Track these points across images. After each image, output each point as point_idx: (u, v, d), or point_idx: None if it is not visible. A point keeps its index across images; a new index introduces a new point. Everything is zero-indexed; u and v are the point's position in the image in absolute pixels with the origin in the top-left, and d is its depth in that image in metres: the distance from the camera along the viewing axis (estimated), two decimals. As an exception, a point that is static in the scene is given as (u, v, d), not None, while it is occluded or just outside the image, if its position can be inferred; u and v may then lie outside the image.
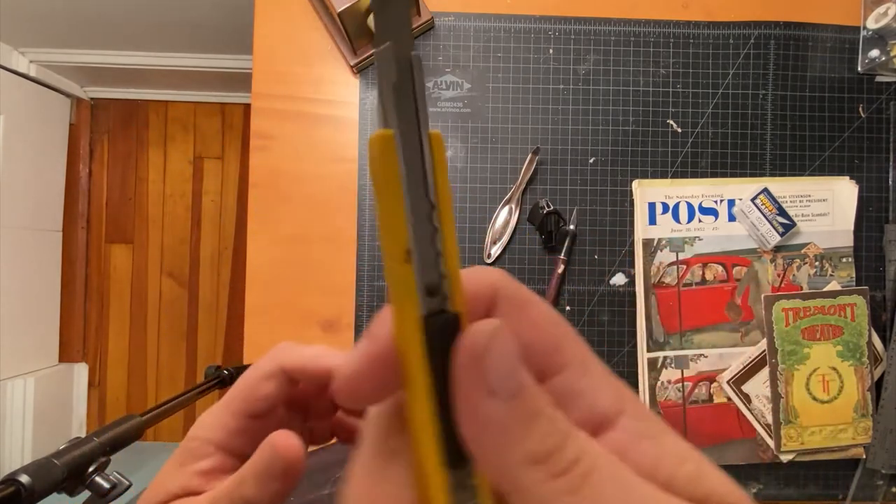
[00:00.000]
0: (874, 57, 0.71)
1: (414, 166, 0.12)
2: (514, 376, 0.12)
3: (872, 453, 0.69)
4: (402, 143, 0.12)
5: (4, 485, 0.28)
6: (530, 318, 0.15)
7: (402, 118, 0.12)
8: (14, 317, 1.40)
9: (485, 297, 0.15)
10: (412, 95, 0.12)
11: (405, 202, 0.12)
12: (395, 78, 0.12)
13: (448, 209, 0.13)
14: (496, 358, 0.12)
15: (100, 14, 1.25)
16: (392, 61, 0.12)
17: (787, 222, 0.68)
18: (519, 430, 0.12)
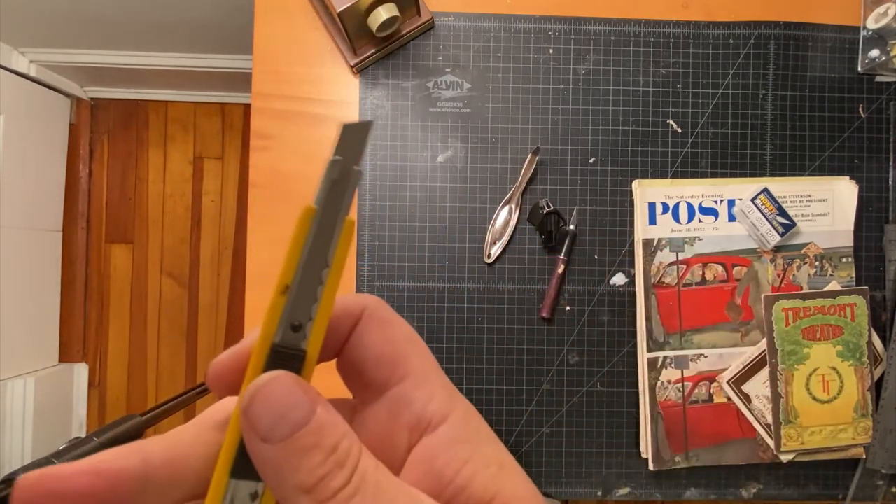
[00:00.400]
0: (874, 57, 0.71)
1: (322, 234, 0.16)
2: (279, 426, 0.14)
3: (872, 453, 0.69)
4: (321, 217, 0.16)
5: (4, 485, 0.28)
6: (386, 335, 0.18)
7: (328, 204, 0.17)
8: (14, 317, 1.40)
9: (353, 314, 0.18)
10: (342, 193, 0.17)
11: (302, 252, 0.16)
12: (336, 177, 0.17)
13: (337, 274, 0.17)
14: (260, 412, 0.14)
15: (100, 14, 1.25)
16: (339, 168, 0.17)
17: (787, 222, 0.68)
18: (288, 467, 0.14)
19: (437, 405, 0.17)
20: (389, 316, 0.19)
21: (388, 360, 0.18)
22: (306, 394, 0.15)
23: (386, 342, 0.18)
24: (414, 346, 0.18)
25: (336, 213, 0.17)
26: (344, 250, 0.17)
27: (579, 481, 0.70)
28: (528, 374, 0.71)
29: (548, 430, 0.70)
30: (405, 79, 0.71)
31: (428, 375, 0.18)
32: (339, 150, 0.17)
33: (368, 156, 0.71)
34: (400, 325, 0.19)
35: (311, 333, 0.16)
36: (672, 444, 0.69)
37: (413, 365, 0.18)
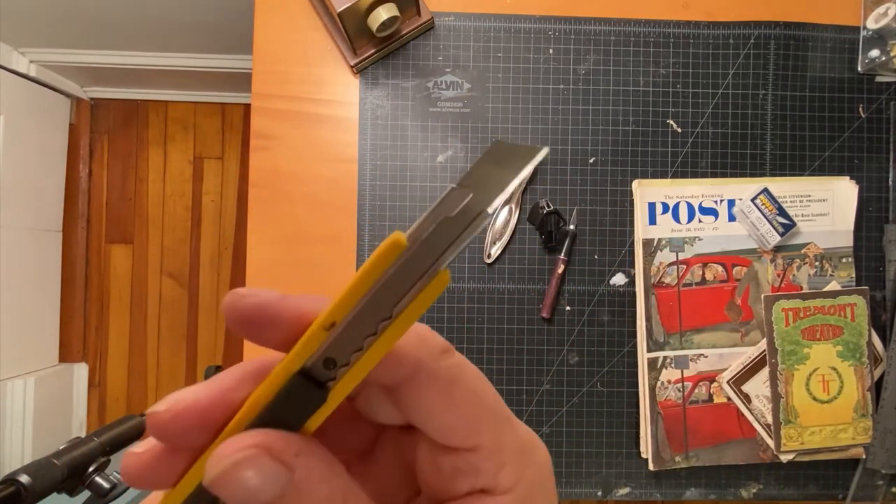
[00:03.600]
0: (874, 57, 0.71)
1: (400, 280, 0.13)
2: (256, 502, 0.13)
3: (872, 453, 0.69)
4: (410, 258, 0.13)
5: (4, 485, 0.28)
6: (451, 400, 0.15)
7: (427, 245, 0.13)
8: (14, 317, 1.40)
9: (404, 371, 0.15)
10: (451, 237, 0.12)
11: (366, 295, 0.13)
12: (452, 215, 0.12)
13: (398, 332, 0.13)
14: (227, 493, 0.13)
15: (100, 14, 1.25)
16: (461, 206, 0.12)
17: (787, 222, 0.68)
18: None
19: (507, 476, 0.16)
20: (454, 372, 0.16)
21: (455, 430, 0.16)
22: (278, 463, 0.13)
23: (450, 410, 0.15)
24: (485, 411, 0.16)
25: (431, 261, 0.13)
26: (420, 308, 0.13)
27: (579, 481, 0.70)
28: (528, 374, 0.71)
29: (548, 430, 0.70)
30: (405, 79, 0.71)
31: (502, 445, 0.16)
32: (473, 175, 0.13)
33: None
34: (468, 385, 0.16)
35: (341, 380, 0.14)
36: (672, 444, 0.69)
37: (485, 437, 0.16)
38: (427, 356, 0.15)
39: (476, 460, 0.16)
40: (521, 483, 0.16)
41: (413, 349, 0.15)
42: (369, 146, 0.71)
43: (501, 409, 0.16)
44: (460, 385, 0.16)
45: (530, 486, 0.16)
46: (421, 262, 0.13)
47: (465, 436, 0.16)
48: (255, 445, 0.13)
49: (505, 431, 0.16)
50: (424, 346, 0.15)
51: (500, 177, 0.12)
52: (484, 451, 0.16)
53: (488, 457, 0.16)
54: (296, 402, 0.14)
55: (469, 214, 0.12)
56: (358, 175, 0.71)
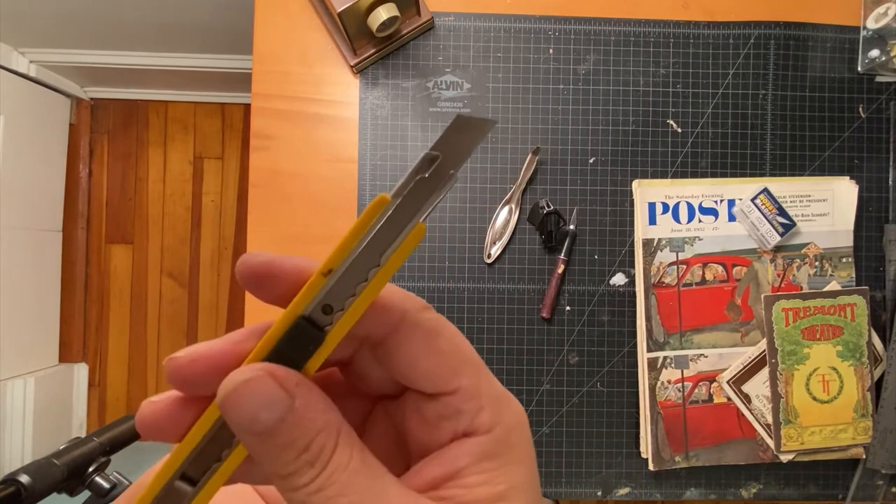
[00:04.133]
0: (874, 57, 0.71)
1: (386, 232, 0.15)
2: (254, 424, 0.15)
3: (872, 453, 0.69)
4: (392, 213, 0.15)
5: (4, 485, 0.28)
6: (432, 347, 0.17)
7: (406, 202, 0.15)
8: (14, 317, 1.40)
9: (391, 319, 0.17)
10: (427, 194, 0.15)
11: (355, 246, 0.15)
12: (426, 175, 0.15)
13: (384, 277, 0.15)
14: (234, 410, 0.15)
15: (100, 14, 1.25)
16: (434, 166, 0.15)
17: (787, 222, 0.68)
18: (264, 457, 0.15)
19: (486, 417, 0.17)
20: (434, 326, 0.18)
21: (435, 376, 0.17)
22: (285, 389, 0.15)
23: (431, 357, 0.17)
24: (463, 359, 0.18)
25: (411, 214, 0.15)
26: (401, 256, 0.15)
27: (579, 481, 0.70)
28: (528, 374, 0.71)
29: (548, 430, 0.70)
30: (405, 79, 0.71)
31: (480, 389, 0.18)
32: (441, 143, 0.15)
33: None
34: (447, 336, 0.18)
35: (337, 324, 0.16)
36: (672, 444, 0.69)
37: (464, 381, 0.18)
38: (411, 306, 0.17)
39: (457, 402, 0.17)
40: (500, 425, 0.18)
41: (399, 301, 0.17)
42: (369, 146, 0.71)
43: (478, 360, 0.18)
44: (440, 334, 0.18)
45: (508, 428, 0.18)
46: (402, 216, 0.15)
47: (447, 379, 0.17)
48: (262, 369, 0.15)
49: (482, 378, 0.18)
50: (409, 300, 0.18)
51: (465, 144, 0.15)
52: (463, 393, 0.17)
53: (468, 399, 0.17)
54: (298, 343, 0.16)
55: (441, 174, 0.15)
56: (358, 175, 0.71)
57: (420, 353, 0.17)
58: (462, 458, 0.17)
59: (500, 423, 0.18)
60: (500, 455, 0.17)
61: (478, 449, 0.17)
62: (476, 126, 0.15)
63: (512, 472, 0.17)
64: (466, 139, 0.15)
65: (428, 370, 0.17)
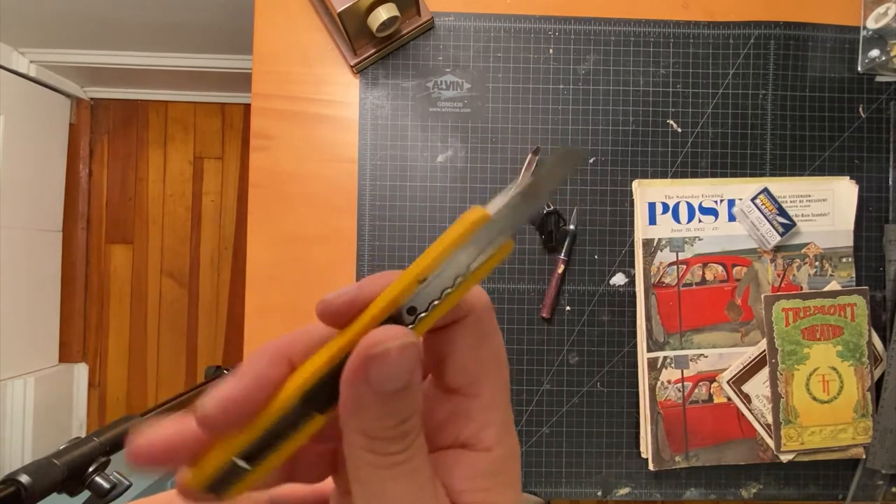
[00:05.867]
0: (874, 57, 0.71)
1: (479, 244, 0.16)
2: (387, 383, 0.15)
3: (872, 453, 0.69)
4: (489, 229, 0.16)
5: (4, 485, 0.28)
6: (479, 350, 0.18)
7: (503, 219, 0.16)
8: (14, 317, 1.40)
9: (460, 311, 0.18)
10: (522, 214, 0.16)
11: (455, 254, 0.16)
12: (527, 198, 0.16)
13: (468, 287, 0.16)
14: (389, 365, 0.15)
15: (100, 14, 1.25)
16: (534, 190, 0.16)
17: (787, 222, 0.68)
18: (369, 412, 0.16)
19: (491, 435, 0.18)
20: (489, 330, 0.19)
21: (469, 374, 0.18)
22: (420, 361, 0.16)
23: (475, 356, 0.18)
24: (497, 372, 0.19)
25: (503, 231, 0.16)
26: (487, 269, 0.17)
27: (579, 481, 0.70)
28: (528, 374, 0.71)
29: (548, 430, 0.70)
30: (405, 79, 0.71)
31: (496, 406, 0.18)
32: (541, 170, 0.16)
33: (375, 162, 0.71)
34: (496, 344, 0.19)
35: (421, 322, 0.17)
36: (672, 444, 0.69)
37: (488, 390, 0.18)
38: (479, 303, 0.18)
39: (472, 406, 0.18)
40: (501, 448, 0.18)
41: (473, 297, 0.18)
42: (369, 146, 0.71)
43: (506, 380, 0.19)
44: (490, 340, 0.18)
45: (508, 455, 0.18)
46: (498, 230, 0.16)
47: (475, 382, 0.18)
48: (414, 337, 0.16)
49: (502, 398, 0.19)
50: (481, 297, 0.18)
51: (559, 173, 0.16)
52: (481, 401, 0.18)
53: (482, 409, 0.18)
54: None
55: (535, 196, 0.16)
56: (358, 175, 0.71)
57: (466, 349, 0.18)
58: (462, 471, 0.18)
59: (501, 446, 0.18)
60: (497, 475, 0.18)
61: (479, 465, 0.18)
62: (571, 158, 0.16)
63: (504, 494, 0.18)
64: (562, 168, 0.16)
65: (464, 365, 0.18)
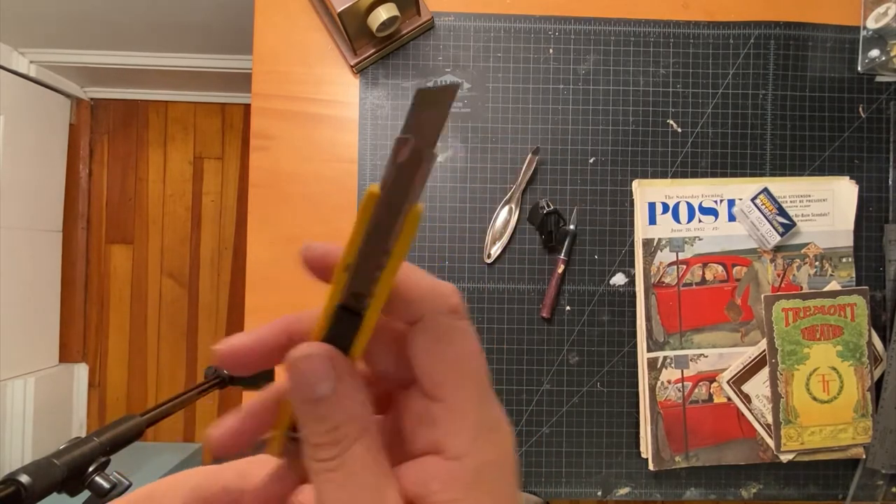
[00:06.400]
0: (874, 57, 0.71)
1: (384, 221, 0.16)
2: (304, 391, 0.17)
3: (872, 453, 0.69)
4: (384, 203, 0.16)
5: (4, 485, 0.28)
6: (437, 352, 0.18)
7: (394, 189, 0.15)
8: (14, 317, 1.40)
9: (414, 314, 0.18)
10: (410, 177, 0.15)
11: (364, 236, 0.16)
12: (403, 159, 0.15)
13: (396, 263, 0.16)
14: (293, 376, 0.17)
15: (100, 14, 1.25)
16: (409, 149, 0.15)
17: (787, 222, 0.68)
18: (303, 420, 0.17)
19: (461, 442, 0.17)
20: (451, 331, 0.18)
21: (431, 378, 0.18)
22: (333, 370, 0.17)
23: (437, 358, 0.18)
24: (465, 375, 0.18)
25: (402, 200, 0.15)
26: (405, 240, 0.16)
27: (579, 481, 0.70)
28: (528, 374, 0.71)
29: (548, 430, 0.70)
30: (405, 79, 0.71)
31: (465, 410, 0.18)
32: (410, 125, 0.15)
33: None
34: (462, 346, 0.18)
35: (369, 307, 0.17)
36: (672, 444, 0.69)
37: (453, 394, 0.18)
38: (433, 307, 0.18)
39: (438, 413, 0.18)
40: (474, 456, 0.17)
41: (424, 299, 0.18)
42: (369, 146, 0.71)
43: (480, 382, 0.18)
44: (450, 342, 0.18)
45: (484, 463, 0.18)
46: (394, 203, 0.16)
47: (438, 383, 0.18)
48: (322, 349, 0.17)
49: (473, 402, 0.18)
50: (436, 299, 0.18)
51: (434, 118, 0.15)
52: (447, 406, 0.18)
53: (449, 414, 0.18)
54: (342, 328, 0.17)
55: (418, 155, 0.15)
56: (358, 175, 0.71)
57: (424, 351, 0.18)
58: (433, 478, 0.17)
59: (474, 453, 0.17)
60: (472, 485, 0.17)
61: (451, 473, 0.17)
62: (440, 96, 0.15)
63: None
64: (434, 113, 0.15)
65: (425, 368, 0.18)
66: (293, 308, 0.77)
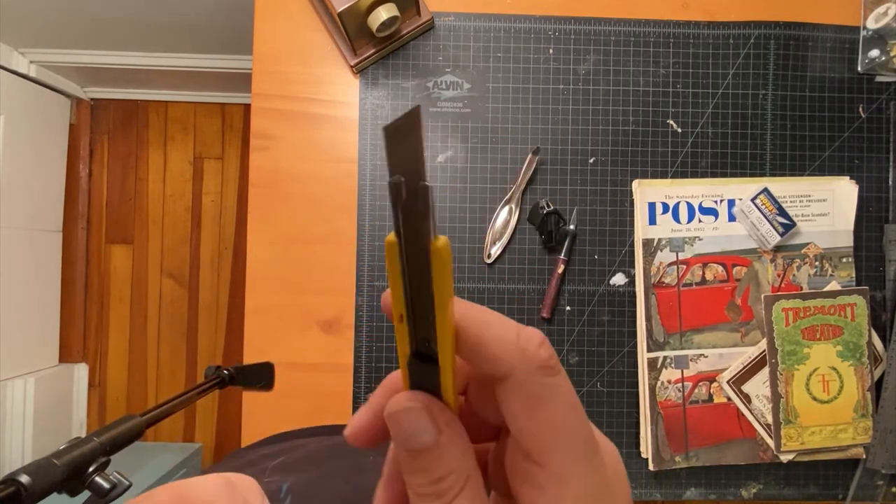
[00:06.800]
0: (874, 57, 0.71)
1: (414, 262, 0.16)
2: (406, 443, 0.17)
3: (872, 453, 0.69)
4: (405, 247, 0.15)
5: (4, 485, 0.28)
6: (532, 415, 0.17)
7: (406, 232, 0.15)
8: (14, 317, 1.40)
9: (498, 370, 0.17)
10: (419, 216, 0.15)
11: (403, 283, 0.16)
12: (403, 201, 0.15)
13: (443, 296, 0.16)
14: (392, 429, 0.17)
15: (100, 14, 1.25)
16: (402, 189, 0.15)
17: (787, 222, 0.68)
18: (407, 472, 0.17)
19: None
20: (544, 393, 0.17)
21: (529, 440, 0.17)
22: (432, 422, 0.17)
23: (530, 421, 0.17)
24: (562, 435, 0.17)
25: (419, 239, 0.15)
26: (441, 277, 0.15)
27: (579, 481, 0.70)
28: (528, 374, 0.70)
29: (548, 430, 0.70)
30: (405, 79, 0.71)
31: (567, 478, 0.16)
32: (394, 164, 0.15)
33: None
34: (557, 409, 0.17)
35: (438, 349, 0.16)
36: (672, 444, 0.69)
37: (554, 460, 0.16)
38: (520, 365, 0.17)
39: (539, 475, 0.17)
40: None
41: (509, 355, 0.17)
42: (369, 146, 0.71)
43: (579, 445, 0.17)
44: (544, 404, 0.17)
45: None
46: (413, 245, 0.15)
47: (535, 450, 0.17)
48: (421, 402, 0.17)
49: (575, 468, 0.16)
50: (521, 355, 0.17)
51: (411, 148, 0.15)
52: (549, 472, 0.16)
53: (551, 482, 0.16)
54: (424, 374, 0.17)
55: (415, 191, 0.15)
56: (358, 175, 0.71)
57: (518, 412, 0.17)
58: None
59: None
60: None
61: None
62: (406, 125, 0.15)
63: None
64: (409, 143, 0.15)
65: (522, 431, 0.17)
66: (293, 308, 0.76)
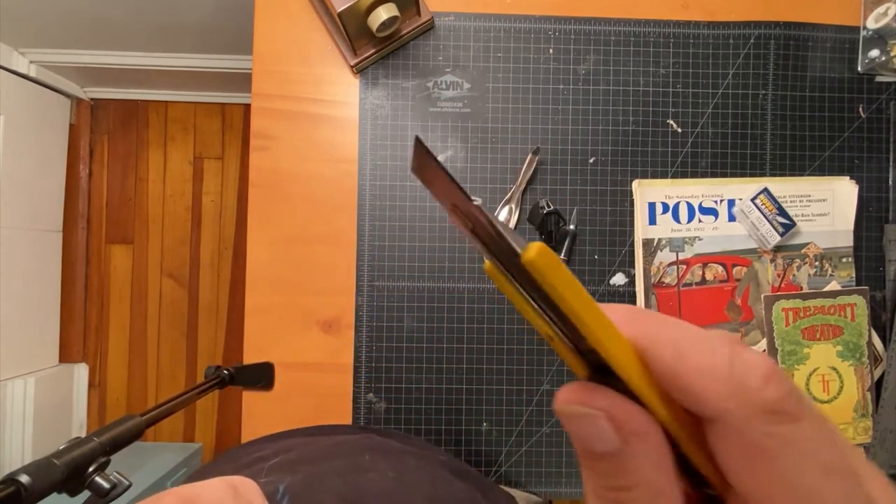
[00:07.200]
0: (874, 57, 0.71)
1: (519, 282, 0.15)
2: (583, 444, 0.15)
3: (872, 453, 0.69)
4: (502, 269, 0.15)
5: (4, 485, 0.28)
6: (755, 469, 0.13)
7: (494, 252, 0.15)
8: (14, 317, 1.40)
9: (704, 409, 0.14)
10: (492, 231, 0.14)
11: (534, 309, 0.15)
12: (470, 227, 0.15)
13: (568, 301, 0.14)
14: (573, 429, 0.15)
15: (100, 14, 1.25)
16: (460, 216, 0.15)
17: (787, 222, 0.68)
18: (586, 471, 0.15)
19: None
20: (767, 443, 0.13)
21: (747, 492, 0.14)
22: (617, 432, 0.14)
23: (756, 480, 0.13)
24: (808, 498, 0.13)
25: (510, 257, 0.14)
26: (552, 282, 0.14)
27: (579, 481, 0.70)
28: (528, 374, 0.71)
29: (548, 430, 0.70)
30: (405, 79, 0.71)
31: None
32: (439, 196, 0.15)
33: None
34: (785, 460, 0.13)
35: (611, 361, 0.15)
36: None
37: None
38: (738, 408, 0.13)
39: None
40: None
41: (717, 393, 0.13)
42: (369, 146, 0.71)
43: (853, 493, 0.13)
44: (773, 460, 0.13)
45: None
46: (511, 264, 0.15)
47: (755, 501, 0.14)
48: (602, 408, 0.14)
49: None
50: (737, 394, 0.13)
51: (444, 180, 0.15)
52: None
53: None
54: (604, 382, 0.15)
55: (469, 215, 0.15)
56: (358, 175, 0.71)
57: (740, 469, 0.14)
58: None
59: None
60: None
61: None
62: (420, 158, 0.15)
63: None
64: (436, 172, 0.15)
65: (737, 479, 0.14)
66: (293, 308, 0.76)
